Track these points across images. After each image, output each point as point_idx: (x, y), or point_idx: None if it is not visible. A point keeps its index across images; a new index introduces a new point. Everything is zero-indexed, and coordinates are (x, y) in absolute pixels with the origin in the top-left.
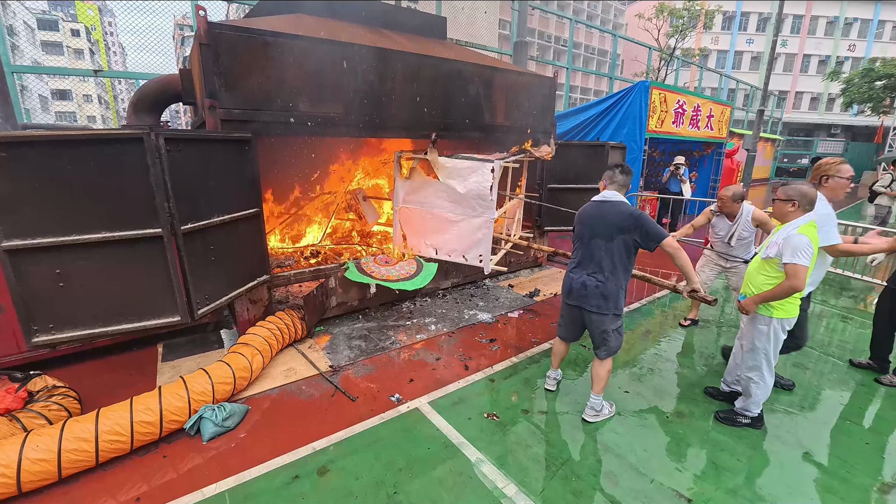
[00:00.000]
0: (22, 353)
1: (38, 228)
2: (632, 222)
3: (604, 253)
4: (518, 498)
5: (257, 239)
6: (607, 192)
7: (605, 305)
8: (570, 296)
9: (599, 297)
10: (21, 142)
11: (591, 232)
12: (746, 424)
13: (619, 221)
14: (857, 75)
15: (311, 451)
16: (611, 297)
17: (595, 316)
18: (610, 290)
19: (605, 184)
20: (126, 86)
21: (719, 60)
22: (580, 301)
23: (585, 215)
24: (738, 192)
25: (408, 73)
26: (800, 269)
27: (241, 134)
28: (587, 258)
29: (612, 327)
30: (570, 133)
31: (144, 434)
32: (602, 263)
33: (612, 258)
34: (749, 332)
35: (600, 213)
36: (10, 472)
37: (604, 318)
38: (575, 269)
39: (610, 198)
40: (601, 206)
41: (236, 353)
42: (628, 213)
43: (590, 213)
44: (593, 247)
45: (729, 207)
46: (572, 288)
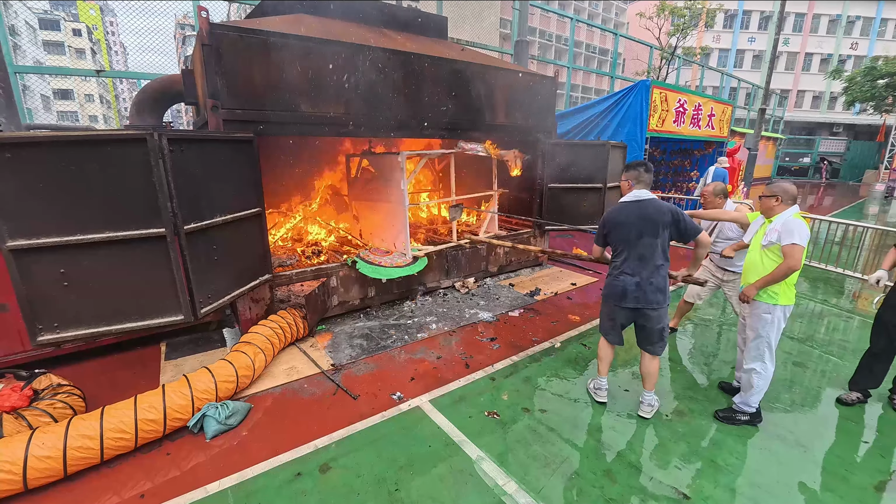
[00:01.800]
0: (27, 351)
1: (42, 228)
2: (672, 217)
3: (656, 250)
4: (518, 495)
5: (259, 238)
6: (640, 192)
7: (663, 300)
8: (625, 299)
9: (658, 293)
10: (26, 143)
11: (638, 231)
12: (745, 422)
13: (663, 217)
14: (860, 74)
15: (314, 448)
16: (665, 290)
17: (655, 313)
18: (664, 284)
19: (632, 183)
20: (127, 85)
21: (721, 59)
22: (639, 302)
23: (629, 216)
24: (720, 187)
25: (409, 73)
26: (796, 249)
27: (243, 134)
28: (637, 258)
29: (668, 320)
30: (570, 132)
31: (148, 432)
32: (656, 261)
33: (663, 254)
34: (753, 322)
35: (644, 211)
36: (16, 470)
37: (662, 313)
38: (625, 271)
39: (646, 196)
40: (642, 205)
41: (239, 351)
42: (668, 209)
43: (633, 213)
44: (643, 246)
45: (711, 204)
46: (627, 290)
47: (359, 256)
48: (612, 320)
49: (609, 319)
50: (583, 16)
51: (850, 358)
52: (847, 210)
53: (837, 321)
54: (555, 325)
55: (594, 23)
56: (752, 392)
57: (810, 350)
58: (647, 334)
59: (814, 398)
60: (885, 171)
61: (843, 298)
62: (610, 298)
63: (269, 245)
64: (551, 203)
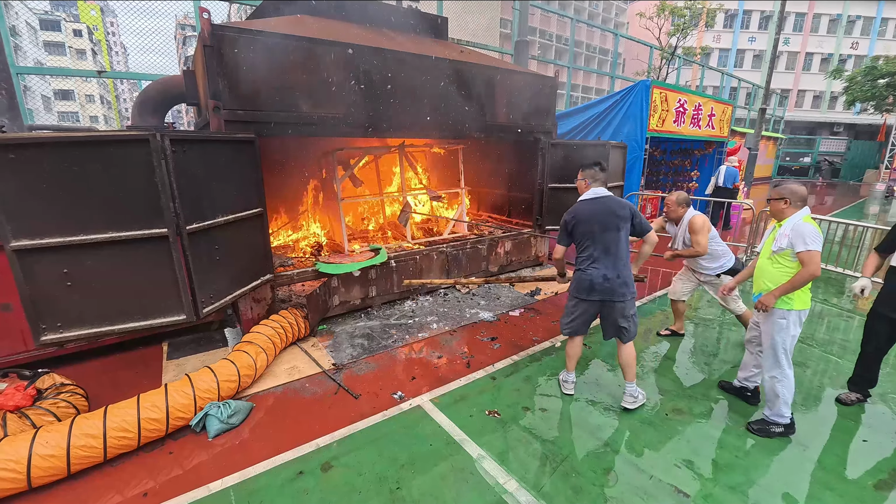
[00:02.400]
0: (30, 351)
1: (45, 228)
2: (630, 212)
3: (619, 243)
4: (519, 494)
5: (261, 238)
6: (597, 189)
7: (628, 291)
8: (592, 292)
9: (623, 286)
10: (29, 143)
11: (602, 226)
12: (780, 433)
13: (623, 212)
14: (860, 73)
15: (315, 447)
16: (630, 283)
17: (620, 304)
18: (629, 275)
19: (588, 182)
20: (128, 86)
21: (721, 59)
22: (606, 294)
23: (592, 212)
24: (683, 196)
25: (409, 74)
26: (814, 255)
27: (245, 134)
28: (603, 252)
29: (633, 310)
30: (571, 133)
31: (151, 431)
32: (619, 253)
33: (625, 246)
34: (767, 328)
35: (606, 206)
36: (20, 468)
37: (627, 303)
38: (591, 264)
39: (604, 193)
40: (602, 202)
41: (241, 351)
42: (627, 205)
43: (595, 209)
44: (608, 240)
45: (674, 212)
46: (594, 283)
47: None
48: (575, 314)
49: (572, 316)
50: (583, 16)
51: (850, 357)
52: (848, 210)
53: (838, 321)
54: (555, 324)
55: (594, 23)
56: (779, 402)
57: (811, 349)
58: (613, 323)
59: (814, 398)
60: (886, 171)
61: (844, 298)
62: (577, 293)
63: (270, 245)
64: (552, 203)
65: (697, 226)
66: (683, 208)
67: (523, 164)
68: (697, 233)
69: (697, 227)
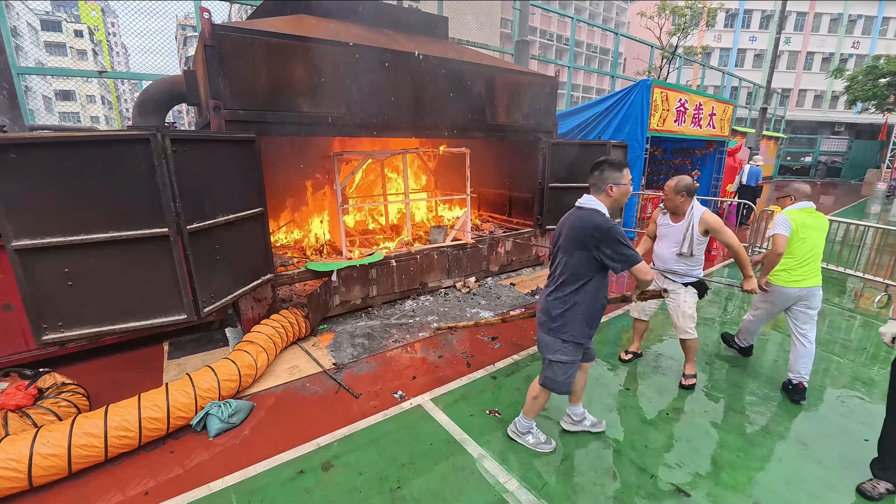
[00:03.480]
0: (31, 350)
1: (47, 228)
2: (594, 239)
3: (558, 268)
4: (519, 493)
5: (261, 238)
6: (585, 197)
7: (546, 321)
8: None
9: (541, 313)
10: (31, 143)
11: (556, 243)
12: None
13: (582, 235)
14: (861, 73)
15: (316, 446)
16: (550, 313)
17: (539, 335)
18: (553, 307)
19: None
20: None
21: (722, 58)
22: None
23: (561, 223)
24: (684, 183)
25: (409, 73)
26: (776, 237)
27: (246, 134)
28: (550, 271)
29: (550, 354)
30: (571, 132)
31: (152, 430)
32: (554, 280)
33: (567, 276)
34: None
35: (569, 221)
36: (21, 467)
37: (545, 338)
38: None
39: (584, 204)
40: (572, 214)
41: (241, 350)
42: (594, 227)
43: (564, 221)
44: (555, 260)
45: (671, 202)
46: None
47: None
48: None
49: None
50: (583, 15)
51: (851, 357)
52: (849, 209)
53: (839, 320)
54: None
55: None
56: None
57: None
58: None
59: (815, 397)
60: (887, 171)
61: (846, 298)
62: None
63: (271, 244)
64: (552, 203)
65: (717, 224)
66: (683, 197)
67: (524, 164)
68: (721, 232)
69: (718, 226)
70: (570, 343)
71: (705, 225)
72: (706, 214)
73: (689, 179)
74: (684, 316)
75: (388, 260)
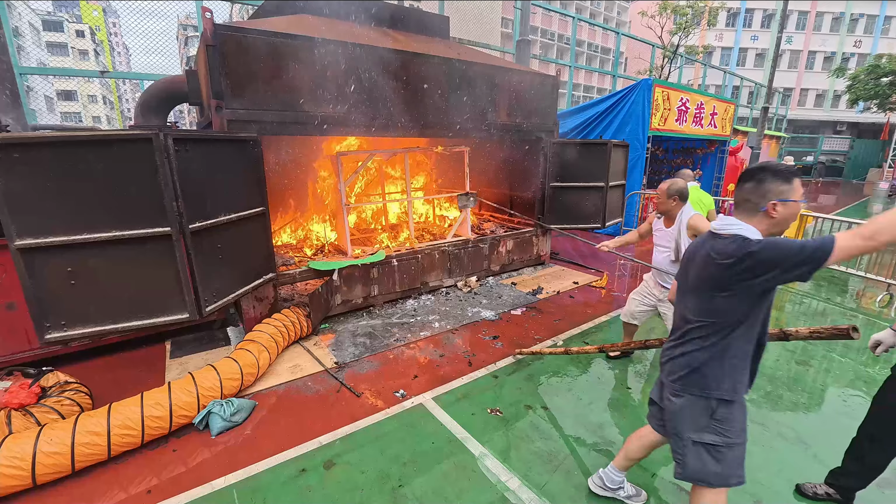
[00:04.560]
0: (34, 349)
1: (50, 227)
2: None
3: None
4: (521, 491)
5: (263, 237)
6: (724, 220)
7: (679, 389)
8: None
9: (669, 375)
10: (33, 143)
11: (683, 281)
12: None
13: (708, 270)
14: (863, 72)
15: (318, 445)
16: (679, 373)
17: (668, 404)
18: (679, 367)
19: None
20: (130, 86)
21: (723, 57)
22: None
23: (687, 255)
24: (676, 187)
25: (410, 73)
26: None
27: (247, 134)
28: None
29: (691, 434)
30: (572, 132)
31: (154, 428)
32: (678, 329)
33: (693, 324)
34: None
35: (697, 252)
36: (25, 465)
37: (669, 412)
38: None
39: (721, 229)
40: (702, 244)
41: (243, 349)
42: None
43: (689, 252)
44: (679, 303)
45: (664, 205)
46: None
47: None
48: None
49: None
50: (585, 14)
51: (853, 356)
52: (851, 209)
53: (841, 319)
54: (557, 323)
55: (596, 22)
56: None
57: (814, 348)
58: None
59: (816, 396)
60: (889, 170)
61: (847, 297)
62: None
63: (272, 244)
64: (553, 202)
65: (703, 227)
66: (675, 201)
67: (525, 164)
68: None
69: (705, 229)
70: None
71: (692, 230)
72: (693, 219)
73: (683, 183)
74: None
75: (389, 259)
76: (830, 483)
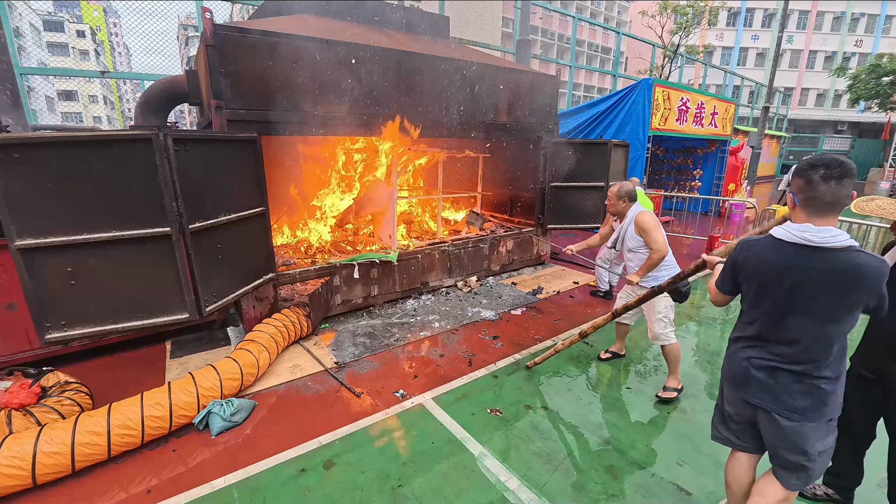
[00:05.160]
0: (34, 349)
1: (50, 227)
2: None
3: (816, 336)
4: (521, 491)
5: (263, 237)
6: (823, 230)
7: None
8: (746, 386)
9: (803, 397)
10: (34, 143)
11: (786, 299)
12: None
13: (876, 286)
14: (864, 71)
15: (317, 445)
16: (826, 398)
17: (789, 424)
18: (832, 388)
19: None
20: (131, 86)
21: (724, 57)
22: (762, 395)
23: (776, 265)
24: (625, 189)
25: (411, 73)
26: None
27: (247, 134)
28: (773, 331)
29: (820, 445)
30: (573, 132)
31: (154, 428)
32: (810, 347)
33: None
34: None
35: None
36: (25, 465)
37: (806, 428)
38: (752, 343)
39: (831, 242)
40: (811, 257)
41: (243, 349)
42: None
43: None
44: (791, 324)
45: (614, 206)
46: (749, 373)
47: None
48: (729, 415)
49: (724, 414)
50: (585, 14)
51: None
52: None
53: None
54: (557, 323)
55: (596, 21)
56: None
57: None
58: (775, 452)
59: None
60: (890, 169)
61: None
62: (728, 380)
63: (272, 244)
64: (554, 202)
65: (648, 224)
66: (625, 202)
67: (525, 163)
68: (649, 231)
69: (649, 225)
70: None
71: (637, 225)
72: (641, 215)
73: (631, 185)
74: (657, 319)
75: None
76: (829, 483)
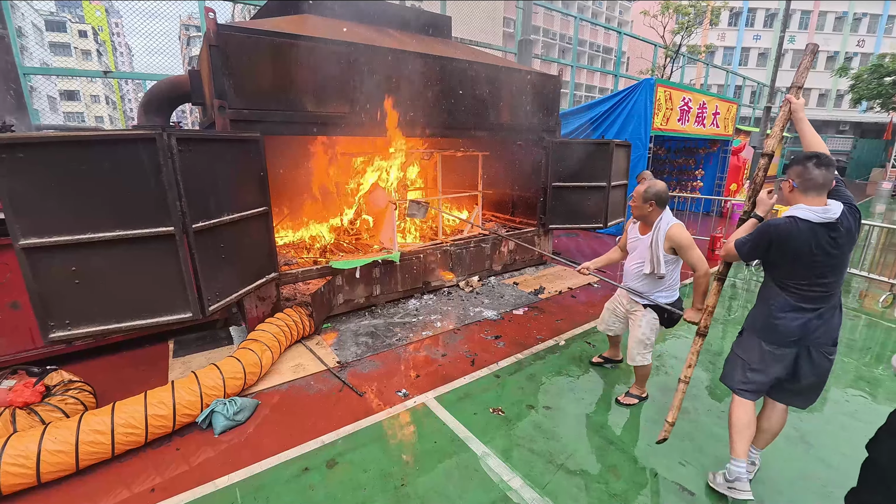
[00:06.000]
0: (38, 348)
1: (54, 227)
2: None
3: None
4: (523, 490)
5: (266, 237)
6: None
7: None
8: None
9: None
10: (37, 142)
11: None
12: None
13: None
14: (866, 71)
15: (320, 444)
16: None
17: (833, 357)
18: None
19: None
20: (133, 86)
21: (726, 57)
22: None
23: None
24: (654, 190)
25: (413, 73)
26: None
27: (250, 134)
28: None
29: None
30: (575, 131)
31: (158, 427)
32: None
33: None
34: None
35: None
36: (30, 464)
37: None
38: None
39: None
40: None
41: (246, 349)
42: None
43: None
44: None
45: (639, 210)
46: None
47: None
48: (762, 367)
49: (755, 366)
50: (587, 14)
51: (855, 356)
52: None
53: (844, 320)
54: (559, 322)
55: (598, 21)
56: None
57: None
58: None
59: (820, 397)
60: (893, 169)
61: (850, 297)
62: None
63: (275, 244)
64: (555, 202)
65: (685, 239)
66: (652, 206)
67: (527, 163)
68: (687, 248)
69: (687, 241)
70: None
71: (670, 241)
72: (673, 229)
73: (662, 185)
74: (636, 341)
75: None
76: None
